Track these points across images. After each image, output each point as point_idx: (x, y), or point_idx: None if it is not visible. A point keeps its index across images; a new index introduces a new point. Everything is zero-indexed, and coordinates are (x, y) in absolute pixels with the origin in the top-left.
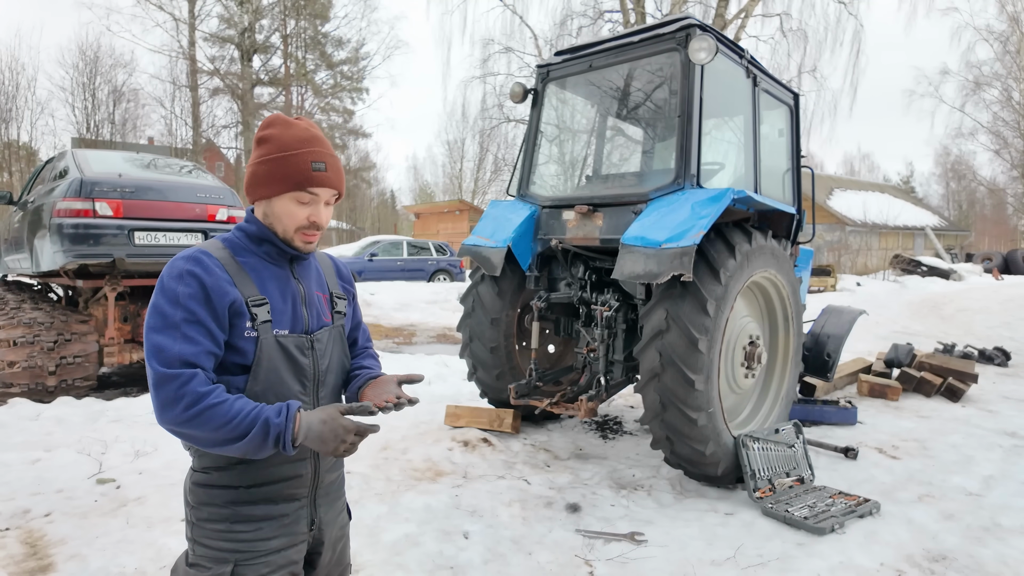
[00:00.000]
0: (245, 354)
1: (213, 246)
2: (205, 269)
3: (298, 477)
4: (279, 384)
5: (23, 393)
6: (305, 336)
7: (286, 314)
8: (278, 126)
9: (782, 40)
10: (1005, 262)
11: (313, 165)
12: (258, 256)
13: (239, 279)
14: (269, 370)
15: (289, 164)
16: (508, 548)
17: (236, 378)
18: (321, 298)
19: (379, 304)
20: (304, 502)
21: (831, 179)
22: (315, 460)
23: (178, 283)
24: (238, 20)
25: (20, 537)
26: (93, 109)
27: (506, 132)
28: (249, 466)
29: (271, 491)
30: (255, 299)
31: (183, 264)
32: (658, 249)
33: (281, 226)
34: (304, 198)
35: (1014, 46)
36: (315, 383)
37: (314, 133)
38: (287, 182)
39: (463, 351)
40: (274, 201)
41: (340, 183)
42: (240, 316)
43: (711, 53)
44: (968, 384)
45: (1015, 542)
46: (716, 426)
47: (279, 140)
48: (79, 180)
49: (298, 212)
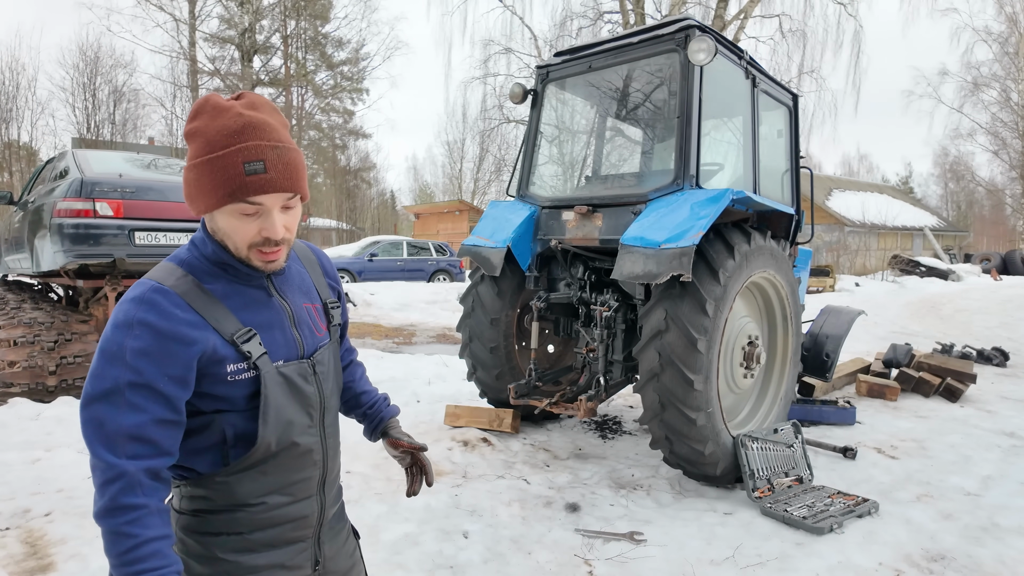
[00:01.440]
0: (233, 400)
1: (171, 275)
2: (161, 314)
3: (304, 518)
4: (290, 423)
5: (23, 393)
6: (306, 362)
7: (278, 341)
8: (204, 116)
9: (781, 41)
10: (1003, 262)
11: (246, 167)
12: (226, 278)
13: (212, 314)
14: (279, 409)
15: (216, 169)
16: (507, 547)
17: (230, 415)
18: (311, 310)
19: (379, 304)
20: (309, 543)
21: (830, 180)
22: (321, 496)
23: (126, 335)
24: (238, 21)
25: (20, 537)
26: (94, 109)
27: (506, 133)
28: (252, 507)
29: (274, 535)
30: (241, 334)
31: (133, 310)
32: (657, 249)
33: (232, 244)
34: (247, 209)
35: (1013, 47)
36: (321, 411)
37: (248, 120)
38: (217, 193)
39: (463, 351)
40: (215, 216)
41: (291, 182)
42: (217, 363)
43: (710, 54)
44: (966, 384)
45: (1013, 542)
46: (715, 426)
47: (204, 136)
48: (79, 180)
49: (245, 227)
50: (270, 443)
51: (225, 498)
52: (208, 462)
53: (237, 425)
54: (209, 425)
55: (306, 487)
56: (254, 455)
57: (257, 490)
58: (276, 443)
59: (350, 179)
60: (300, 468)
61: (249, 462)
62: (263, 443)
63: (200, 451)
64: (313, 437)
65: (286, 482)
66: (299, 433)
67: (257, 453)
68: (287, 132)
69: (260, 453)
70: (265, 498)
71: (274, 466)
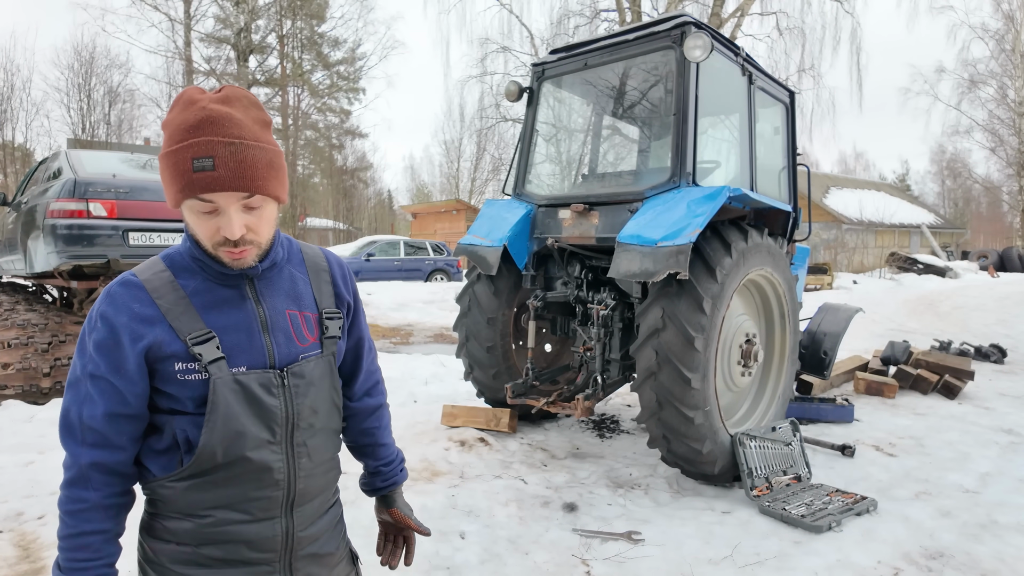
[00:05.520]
0: (182, 400)
1: (150, 269)
2: (117, 308)
3: (264, 540)
4: (241, 434)
5: (17, 395)
6: (273, 372)
7: (242, 346)
8: (176, 108)
9: (779, 39)
10: (1000, 259)
11: (194, 164)
12: (204, 275)
13: (173, 312)
14: (228, 417)
15: (170, 164)
16: (505, 548)
17: (181, 419)
18: (297, 317)
19: (376, 304)
20: (275, 567)
21: (827, 177)
22: (288, 519)
23: (91, 327)
24: (234, 20)
25: (13, 540)
26: (89, 110)
27: (503, 131)
28: (199, 519)
29: (228, 553)
30: (196, 335)
31: (100, 303)
32: (654, 247)
33: (200, 240)
34: (202, 207)
35: (1010, 44)
36: (288, 428)
37: (208, 114)
38: (171, 189)
39: (459, 350)
40: (182, 210)
41: (243, 181)
42: (165, 360)
43: (706, 51)
44: (964, 381)
45: (1012, 539)
46: (713, 424)
47: (169, 129)
48: (73, 180)
49: (205, 225)
50: (215, 452)
51: (173, 504)
52: (162, 465)
53: (187, 430)
54: (163, 427)
55: (266, 507)
56: (198, 463)
57: (204, 501)
58: (223, 454)
59: (347, 179)
60: (257, 486)
61: (195, 470)
62: (206, 450)
63: (156, 453)
64: (274, 454)
65: (239, 498)
66: (253, 447)
67: (200, 461)
68: (260, 129)
69: (205, 462)
70: (212, 511)
71: (224, 479)
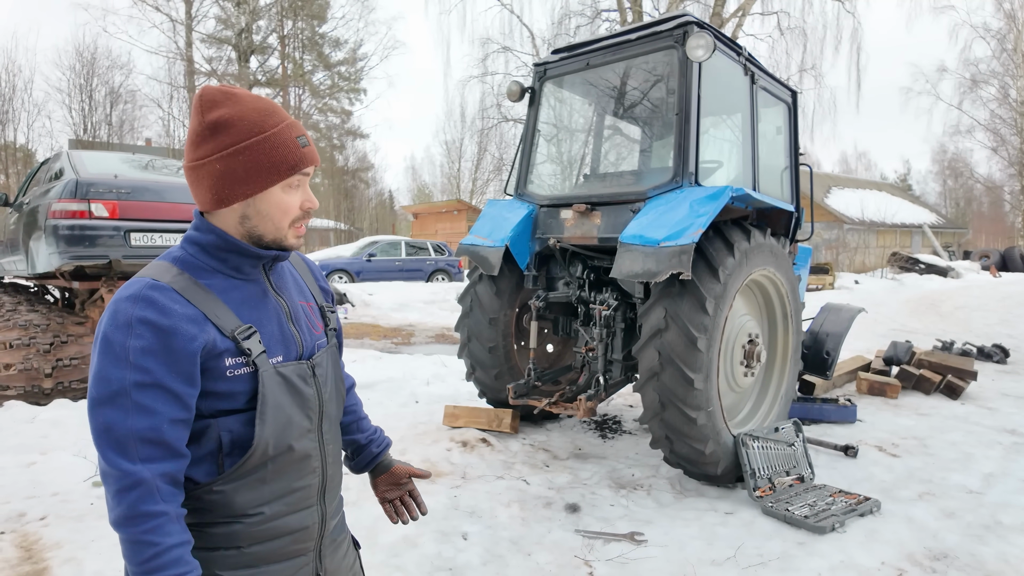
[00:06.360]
0: (234, 397)
1: (166, 272)
2: (161, 310)
3: (304, 529)
4: (288, 424)
5: (19, 396)
6: (306, 362)
7: (276, 339)
8: (227, 103)
9: (780, 38)
10: (1002, 259)
11: (299, 140)
12: (224, 274)
13: (212, 310)
14: (277, 408)
15: (272, 147)
16: (507, 549)
17: (227, 419)
18: (307, 308)
19: (377, 304)
20: (310, 556)
21: (829, 177)
22: (322, 506)
23: (127, 335)
24: (235, 21)
25: (15, 541)
26: (90, 110)
27: (504, 132)
28: (250, 519)
29: (274, 549)
30: (242, 330)
31: (130, 308)
32: (656, 247)
33: (272, 225)
34: (297, 182)
35: (1011, 43)
36: (320, 415)
37: (270, 101)
38: (278, 169)
39: (461, 351)
40: (261, 197)
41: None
42: (218, 357)
43: (708, 50)
44: (967, 381)
45: (1016, 540)
46: (715, 425)
47: (243, 120)
48: (74, 181)
49: (291, 201)
50: (267, 445)
51: (222, 509)
52: (205, 471)
53: (234, 430)
54: (205, 431)
55: (306, 496)
56: (251, 459)
57: (255, 499)
58: (274, 446)
59: (348, 179)
60: (299, 475)
61: (246, 468)
62: (260, 444)
63: (196, 460)
64: (312, 442)
65: (285, 490)
66: (297, 436)
67: (254, 457)
68: None
69: (257, 457)
70: (263, 508)
71: (272, 473)
